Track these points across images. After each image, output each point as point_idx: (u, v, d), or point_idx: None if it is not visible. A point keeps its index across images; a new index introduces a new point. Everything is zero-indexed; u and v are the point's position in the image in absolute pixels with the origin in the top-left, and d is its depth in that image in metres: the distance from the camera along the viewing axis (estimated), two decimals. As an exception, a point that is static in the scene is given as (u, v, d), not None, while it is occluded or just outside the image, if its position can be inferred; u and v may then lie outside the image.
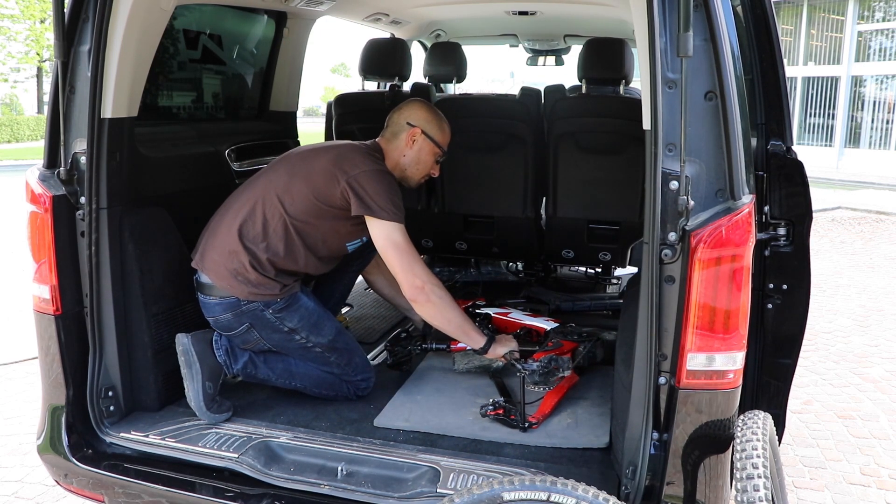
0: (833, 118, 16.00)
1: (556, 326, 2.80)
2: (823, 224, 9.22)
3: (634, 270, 3.18)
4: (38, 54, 26.05)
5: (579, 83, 3.24)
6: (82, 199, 2.08)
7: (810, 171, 2.07)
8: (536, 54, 5.04)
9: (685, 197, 1.57)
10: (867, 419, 3.56)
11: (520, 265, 4.18)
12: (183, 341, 2.25)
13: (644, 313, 1.67)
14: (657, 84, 1.57)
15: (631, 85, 3.23)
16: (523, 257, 3.99)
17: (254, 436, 2.13)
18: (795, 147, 2.06)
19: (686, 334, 1.62)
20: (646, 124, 1.66)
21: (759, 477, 1.48)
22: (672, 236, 1.61)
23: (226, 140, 2.95)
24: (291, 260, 2.33)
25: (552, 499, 1.46)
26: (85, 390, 2.14)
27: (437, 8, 3.95)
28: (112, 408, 2.19)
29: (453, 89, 4.15)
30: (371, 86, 3.93)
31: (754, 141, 2.02)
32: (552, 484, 1.48)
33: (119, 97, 2.06)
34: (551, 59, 4.99)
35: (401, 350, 2.72)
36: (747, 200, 1.61)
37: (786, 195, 2.00)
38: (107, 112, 2.05)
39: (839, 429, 3.46)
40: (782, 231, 2.00)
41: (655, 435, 1.70)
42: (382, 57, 3.65)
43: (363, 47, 3.62)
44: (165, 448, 2.09)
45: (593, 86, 3.23)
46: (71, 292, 2.11)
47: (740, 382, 1.68)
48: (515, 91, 3.47)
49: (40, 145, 2.70)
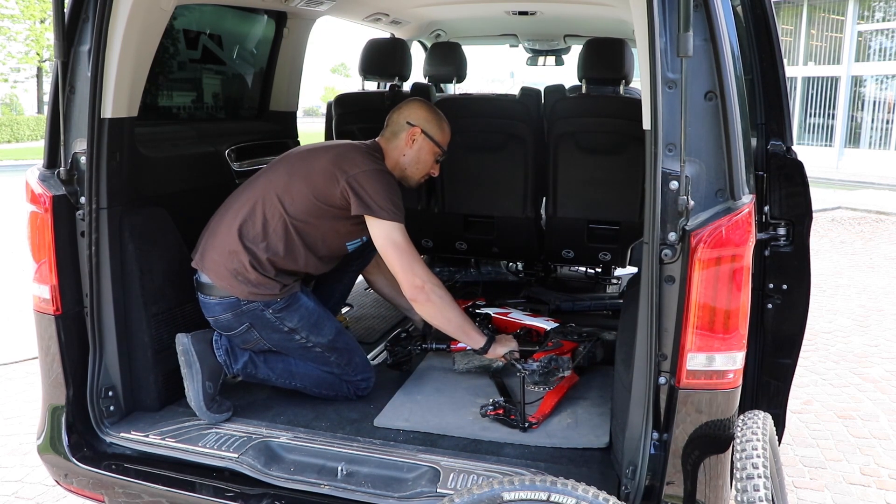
0: (833, 118, 16.00)
1: (556, 326, 2.80)
2: (823, 224, 9.22)
3: (634, 270, 3.18)
4: (38, 54, 26.06)
5: (579, 83, 3.24)
6: (82, 199, 2.08)
7: (810, 171, 2.07)
8: (536, 54, 5.04)
9: (685, 197, 1.57)
10: (867, 419, 3.56)
11: (520, 265, 4.18)
12: (183, 341, 2.25)
13: (644, 313, 1.67)
14: (657, 84, 1.58)
15: (631, 85, 3.23)
16: (523, 257, 3.98)
17: (254, 436, 2.13)
18: (795, 147, 2.06)
19: (686, 334, 1.62)
20: (646, 124, 1.66)
21: (759, 477, 1.48)
22: (672, 236, 1.61)
23: (226, 140, 2.95)
24: (291, 260, 2.33)
25: (552, 499, 1.46)
26: (85, 390, 2.14)
27: (437, 8, 3.95)
28: (112, 408, 2.19)
29: (453, 89, 4.15)
30: (371, 86, 3.93)
31: (754, 141, 2.02)
32: (552, 484, 1.48)
33: (119, 97, 2.06)
34: (551, 59, 4.99)
35: (401, 350, 2.72)
36: (747, 200, 1.61)
37: (786, 195, 2.00)
38: (107, 112, 2.05)
39: (839, 429, 3.46)
40: (782, 231, 2.00)
41: (655, 435, 1.70)
42: (382, 57, 3.65)
43: (363, 47, 3.63)
44: (165, 448, 2.09)
45: (593, 86, 3.23)
46: (71, 292, 2.11)
47: (740, 382, 1.68)
48: (515, 91, 3.47)
49: (40, 145, 2.70)
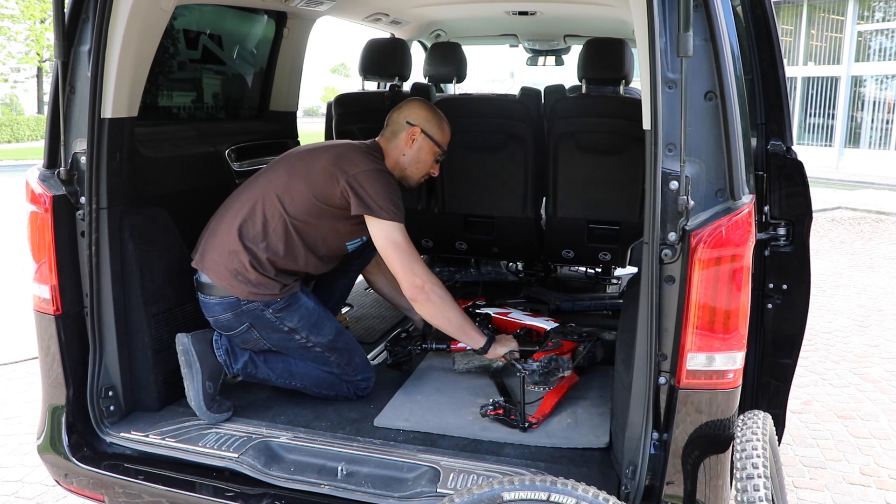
0: (833, 118, 16.00)
1: (556, 326, 2.80)
2: (823, 224, 9.22)
3: (634, 270, 3.18)
4: (39, 54, 26.07)
5: (579, 83, 3.24)
6: (82, 199, 2.08)
7: (810, 171, 2.07)
8: (536, 54, 5.04)
9: (685, 197, 1.57)
10: (867, 419, 3.56)
11: (520, 265, 4.18)
12: (183, 341, 2.25)
13: (644, 313, 1.67)
14: (657, 84, 1.58)
15: (631, 85, 3.23)
16: (523, 257, 3.98)
17: (254, 436, 2.13)
18: (795, 147, 2.06)
19: (686, 334, 1.62)
20: (646, 124, 1.66)
21: (759, 477, 1.48)
22: (672, 236, 1.61)
23: (226, 140, 2.95)
24: (291, 259, 2.33)
25: (552, 499, 1.46)
26: (85, 390, 2.14)
27: (437, 8, 3.95)
28: (112, 408, 2.19)
29: (453, 89, 4.15)
30: (371, 86, 3.93)
31: (754, 141, 2.01)
32: (552, 484, 1.48)
33: (119, 97, 2.06)
34: (551, 59, 4.99)
35: (401, 350, 2.72)
36: (747, 200, 1.61)
37: (786, 195, 2.00)
38: (107, 112, 2.05)
39: (839, 429, 3.46)
40: (782, 231, 2.00)
41: (655, 435, 1.70)
42: (382, 57, 3.65)
43: (363, 47, 3.63)
44: (165, 448, 2.09)
45: (593, 86, 3.23)
46: (71, 292, 2.11)
47: (740, 382, 1.68)
48: (515, 91, 3.47)
49: (40, 145, 2.70)
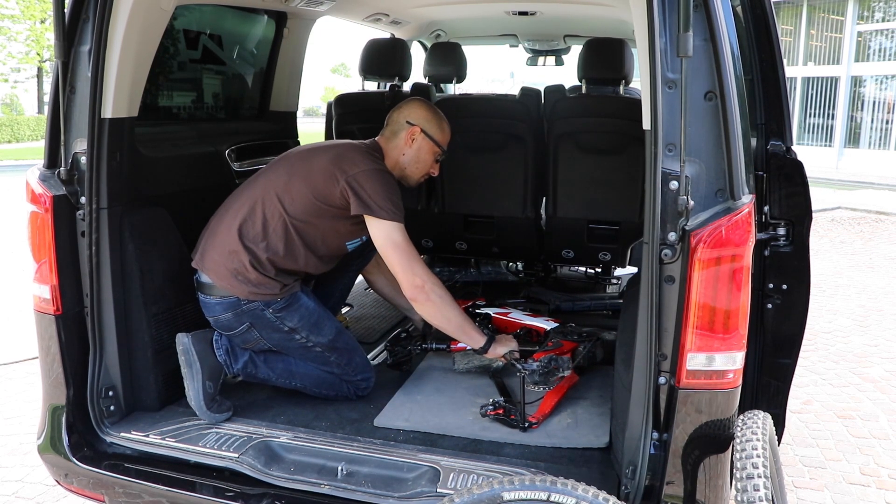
0: (833, 118, 16.00)
1: (556, 326, 2.80)
2: (823, 224, 9.22)
3: (634, 270, 3.18)
4: (39, 54, 26.07)
5: (579, 83, 3.24)
6: (82, 199, 2.08)
7: (810, 172, 2.08)
8: (536, 54, 5.04)
9: (685, 197, 1.57)
10: (867, 419, 3.56)
11: (520, 265, 4.18)
12: (183, 341, 2.25)
13: (644, 313, 1.67)
14: (657, 84, 1.58)
15: (631, 85, 3.23)
16: (523, 257, 3.99)
17: (254, 435, 2.13)
18: (795, 147, 2.06)
19: (686, 334, 1.62)
20: (646, 124, 1.66)
21: (759, 477, 1.48)
22: (672, 236, 1.61)
23: (226, 140, 2.95)
24: (291, 259, 2.33)
25: (552, 499, 1.46)
26: (85, 390, 2.14)
27: (437, 8, 3.95)
28: (112, 407, 2.19)
29: (453, 89, 4.15)
30: (371, 86, 3.93)
31: (754, 141, 2.02)
32: (552, 484, 1.48)
33: (119, 97, 2.07)
34: (551, 60, 4.99)
35: (401, 350, 2.72)
36: (747, 200, 1.61)
37: (785, 195, 2.00)
38: (107, 112, 2.05)
39: (839, 429, 3.46)
40: (782, 231, 2.00)
41: (655, 435, 1.70)
42: (382, 57, 3.65)
43: (363, 47, 3.63)
44: (166, 448, 2.09)
45: (593, 86, 3.23)
46: (71, 292, 2.11)
47: (740, 382, 1.68)
48: (515, 91, 3.47)
49: (40, 145, 2.70)
